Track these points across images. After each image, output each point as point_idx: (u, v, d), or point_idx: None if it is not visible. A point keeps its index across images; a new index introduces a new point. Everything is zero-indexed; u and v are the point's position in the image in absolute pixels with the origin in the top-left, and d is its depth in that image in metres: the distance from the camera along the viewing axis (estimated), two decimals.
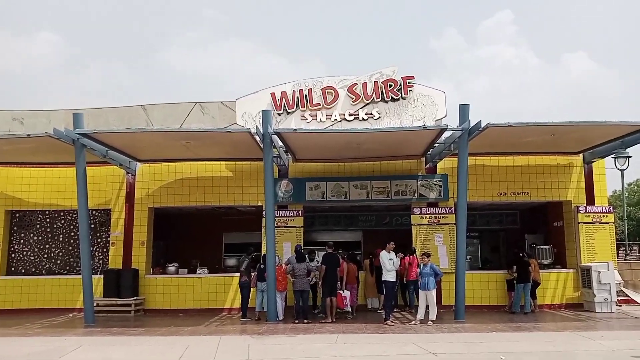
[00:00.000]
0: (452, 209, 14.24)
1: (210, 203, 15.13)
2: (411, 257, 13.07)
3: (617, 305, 13.49)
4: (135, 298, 13.96)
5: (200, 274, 14.71)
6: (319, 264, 12.51)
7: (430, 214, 14.52)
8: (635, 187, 40.68)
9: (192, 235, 17.96)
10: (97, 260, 14.91)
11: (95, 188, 14.59)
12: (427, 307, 11.59)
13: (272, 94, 15.36)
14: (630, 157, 15.92)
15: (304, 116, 15.27)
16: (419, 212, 14.54)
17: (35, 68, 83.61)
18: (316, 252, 13.20)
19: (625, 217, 22.44)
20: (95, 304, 12.75)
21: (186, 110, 16.73)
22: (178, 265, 15.23)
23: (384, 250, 12.06)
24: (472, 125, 11.80)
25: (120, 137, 12.66)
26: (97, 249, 15.12)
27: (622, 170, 17.16)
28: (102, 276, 14.20)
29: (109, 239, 15.07)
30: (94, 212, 14.93)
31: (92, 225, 14.89)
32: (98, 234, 15.23)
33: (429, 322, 11.34)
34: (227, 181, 15.06)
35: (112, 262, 14.70)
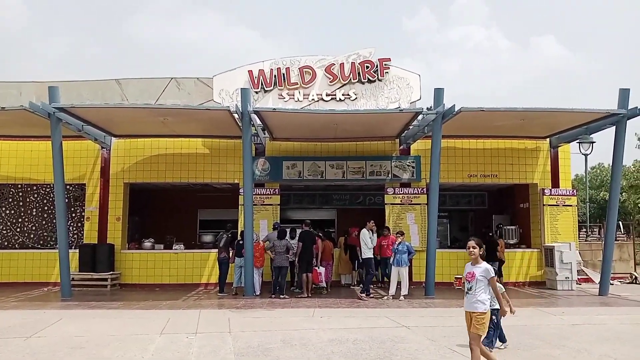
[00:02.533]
0: (424, 189, 14.70)
1: (187, 180, 15.18)
2: (387, 237, 13.39)
3: (577, 283, 14.24)
4: (111, 273, 14.03)
5: (176, 249, 14.85)
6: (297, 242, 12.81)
7: (403, 194, 14.94)
8: (598, 171, 42.12)
9: (168, 212, 18.01)
10: (71, 235, 14.85)
11: (70, 162, 14.44)
12: (398, 283, 12.06)
13: (250, 72, 15.37)
14: (594, 142, 16.63)
15: (281, 95, 15.35)
16: (392, 192, 14.95)
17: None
18: (296, 230, 13.46)
19: (587, 200, 23.39)
20: (70, 278, 12.78)
21: (162, 85, 16.60)
22: (154, 240, 15.32)
23: (364, 229, 12.42)
24: (446, 109, 12.14)
25: (97, 112, 12.56)
26: (72, 224, 15.05)
27: (586, 155, 17.85)
28: (77, 251, 14.19)
29: (83, 213, 15.02)
30: (68, 186, 14.78)
31: (67, 200, 14.72)
32: (72, 209, 15.14)
33: (401, 297, 11.81)
34: (203, 158, 15.12)
35: (87, 237, 14.69)
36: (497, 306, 6.63)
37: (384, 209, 15.00)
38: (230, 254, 13.03)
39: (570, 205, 15.18)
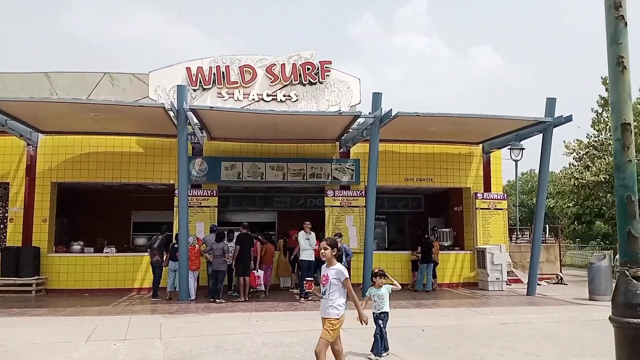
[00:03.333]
0: (363, 192, 14.83)
1: (119, 180, 14.58)
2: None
3: (507, 284, 14.81)
4: (36, 277, 13.23)
5: (107, 253, 14.21)
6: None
7: (342, 196, 15.03)
8: (529, 177, 44.18)
9: (99, 213, 17.28)
10: None
11: None
12: None
13: (188, 69, 14.96)
14: (524, 149, 17.42)
15: (220, 93, 15.03)
16: (332, 195, 15.00)
17: None
18: (234, 232, 13.23)
19: (518, 204, 24.43)
20: None
21: (94, 80, 15.96)
22: (83, 243, 14.60)
23: (301, 231, 12.36)
24: (383, 113, 12.33)
25: (23, 105, 11.84)
26: None
27: (516, 161, 18.66)
28: None
29: (6, 214, 14.12)
30: None
31: None
32: None
33: None
34: (137, 157, 14.57)
35: (10, 239, 13.81)
36: (386, 309, 6.73)
37: (324, 211, 15.03)
38: (164, 257, 12.62)
39: (501, 209, 15.78)
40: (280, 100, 15.22)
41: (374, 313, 6.72)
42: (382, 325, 6.66)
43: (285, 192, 18.24)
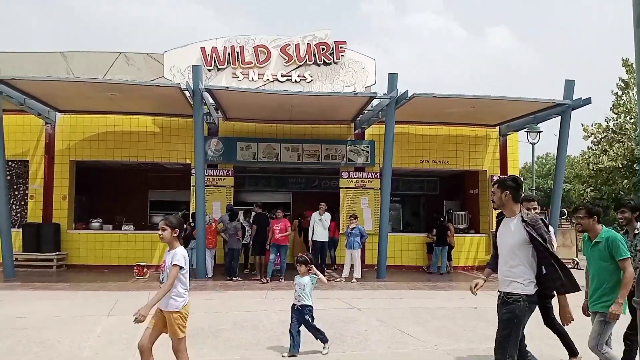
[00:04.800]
0: (378, 174, 14.84)
1: (136, 159, 14.74)
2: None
3: None
4: (57, 253, 13.53)
5: (125, 230, 14.46)
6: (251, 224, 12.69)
7: (357, 178, 15.05)
8: (545, 161, 43.68)
9: (117, 191, 17.50)
10: (15, 214, 14.20)
11: (12, 138, 13.72)
12: (352, 265, 12.20)
13: (202, 49, 14.98)
14: (541, 131, 17.19)
15: (235, 74, 15.05)
16: (347, 176, 15.03)
17: None
18: (251, 212, 13.34)
19: (534, 188, 24.26)
20: (14, 259, 12.25)
21: (110, 60, 15.99)
22: (102, 221, 14.86)
23: (316, 212, 12.42)
24: (399, 94, 12.27)
25: (41, 85, 11.99)
26: (15, 202, 14.38)
27: (533, 144, 18.44)
28: (20, 230, 13.59)
29: (27, 191, 14.37)
30: (10, 163, 14.11)
31: (9, 177, 14.09)
32: (15, 186, 14.45)
33: (354, 279, 11.97)
34: (153, 137, 14.70)
35: (32, 216, 14.09)
36: (306, 302, 5.92)
37: (339, 192, 15.07)
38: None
39: None
40: (295, 80, 15.19)
41: (293, 304, 6.01)
42: (307, 319, 5.90)
43: (300, 173, 18.29)
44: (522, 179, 4.66)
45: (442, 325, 7.51)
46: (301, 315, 5.94)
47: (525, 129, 16.15)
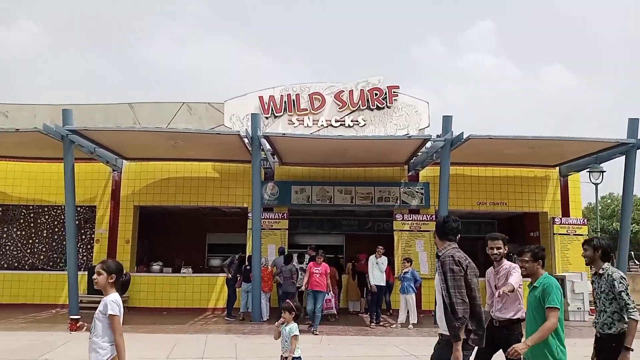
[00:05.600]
0: (433, 216, 14.64)
1: (196, 203, 15.27)
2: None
3: (589, 314, 13.99)
4: None
5: (184, 273, 14.84)
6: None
7: (411, 220, 14.90)
8: (609, 201, 41.76)
9: (176, 235, 18.06)
10: (81, 257, 14.90)
11: (81, 184, 14.49)
12: (408, 311, 11.94)
13: (260, 98, 15.55)
14: (604, 171, 16.55)
15: (291, 120, 15.49)
16: (401, 219, 14.91)
17: (13, 56, 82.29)
18: (305, 255, 13.43)
19: (599, 230, 23.16)
20: (79, 301, 12.78)
21: (173, 110, 16.84)
22: (162, 264, 15.34)
23: (372, 255, 12.34)
24: (454, 136, 12.21)
25: (110, 134, 12.75)
26: (82, 246, 15.12)
27: (596, 184, 17.76)
28: (86, 273, 14.19)
29: (93, 235, 15.10)
30: (79, 208, 14.85)
31: (77, 222, 14.84)
32: (82, 231, 15.23)
33: (410, 325, 11.68)
34: (212, 182, 15.22)
35: (97, 259, 14.70)
36: (295, 354, 5.39)
37: (392, 235, 14.96)
38: (238, 278, 12.97)
39: (581, 235, 15.01)
40: (348, 125, 15.43)
41: (281, 356, 5.53)
42: None
43: (353, 215, 18.30)
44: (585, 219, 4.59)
45: None
46: None
47: (587, 169, 15.60)
